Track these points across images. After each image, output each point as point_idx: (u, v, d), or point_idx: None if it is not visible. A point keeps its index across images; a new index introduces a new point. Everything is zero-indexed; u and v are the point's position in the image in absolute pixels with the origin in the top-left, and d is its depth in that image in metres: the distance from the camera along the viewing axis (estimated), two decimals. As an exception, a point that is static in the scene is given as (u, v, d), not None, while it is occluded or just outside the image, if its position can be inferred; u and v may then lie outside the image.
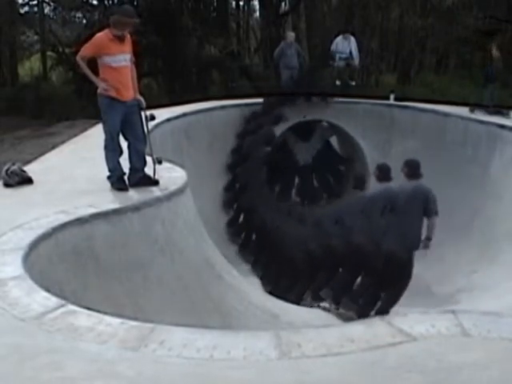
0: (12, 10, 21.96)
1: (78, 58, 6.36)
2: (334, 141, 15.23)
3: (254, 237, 11.49)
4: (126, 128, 6.54)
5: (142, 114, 6.66)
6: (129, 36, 6.47)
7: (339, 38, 14.91)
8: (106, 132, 6.56)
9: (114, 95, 6.35)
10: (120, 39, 6.36)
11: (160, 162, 7.00)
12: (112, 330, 3.26)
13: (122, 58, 6.40)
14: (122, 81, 6.42)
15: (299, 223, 11.79)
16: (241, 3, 26.33)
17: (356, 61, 14.92)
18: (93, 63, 6.38)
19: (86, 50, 6.36)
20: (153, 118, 7.18)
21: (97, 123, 10.09)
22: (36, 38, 24.43)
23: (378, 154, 12.85)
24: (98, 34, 6.40)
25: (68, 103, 18.03)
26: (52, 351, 3.02)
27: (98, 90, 6.38)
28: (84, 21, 22.53)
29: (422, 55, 24.91)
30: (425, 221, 7.59)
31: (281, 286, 9.50)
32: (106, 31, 6.37)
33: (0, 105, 17.63)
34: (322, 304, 8.59)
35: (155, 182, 6.67)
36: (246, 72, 22.10)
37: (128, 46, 6.47)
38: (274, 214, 11.90)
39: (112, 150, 6.54)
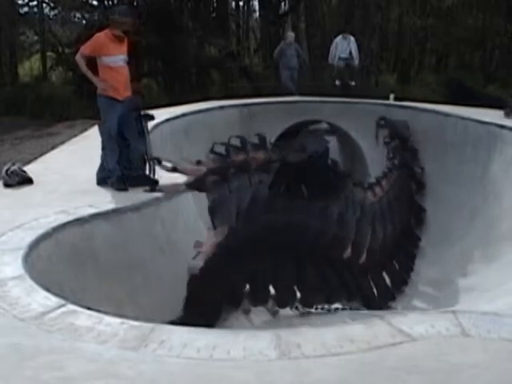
0: (12, 11, 21.97)
1: (77, 56, 6.42)
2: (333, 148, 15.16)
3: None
4: (123, 128, 6.57)
5: (141, 113, 6.70)
6: (125, 37, 6.54)
7: (339, 38, 14.94)
8: (104, 132, 6.58)
9: (113, 95, 6.39)
10: (119, 39, 6.42)
11: (159, 162, 7.00)
12: (112, 330, 3.26)
13: (120, 59, 6.49)
14: (121, 80, 6.49)
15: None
16: (240, 3, 26.30)
17: (356, 61, 14.95)
18: (92, 63, 6.42)
19: (86, 49, 6.43)
20: (152, 117, 7.19)
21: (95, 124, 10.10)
22: (36, 38, 24.41)
23: (378, 154, 12.86)
24: (98, 34, 6.46)
25: (68, 103, 18.02)
26: (52, 351, 3.02)
27: (98, 90, 6.42)
28: (84, 21, 22.54)
29: (422, 55, 24.91)
30: None
31: None
32: (106, 31, 6.42)
33: (0, 105, 17.62)
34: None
35: (154, 182, 6.68)
36: (245, 72, 22.10)
37: (125, 46, 6.54)
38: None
39: (111, 150, 6.57)
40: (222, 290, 6.05)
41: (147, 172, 6.78)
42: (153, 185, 6.61)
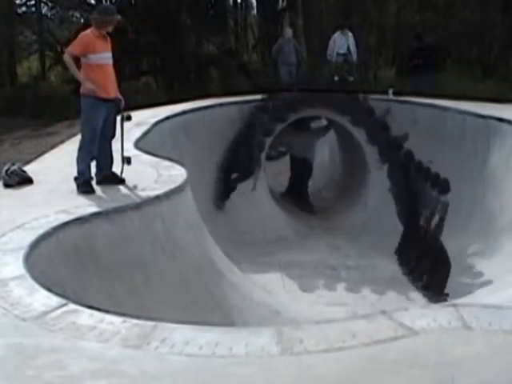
0: (10, 10, 21.94)
1: (65, 57, 6.42)
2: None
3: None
4: (107, 128, 6.57)
5: (120, 113, 6.74)
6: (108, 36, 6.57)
7: (337, 34, 14.94)
8: (85, 133, 6.55)
9: (101, 95, 6.36)
10: (103, 37, 6.44)
11: (129, 163, 6.95)
12: (114, 329, 3.26)
13: (106, 56, 6.48)
14: (107, 78, 6.47)
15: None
16: (238, 0, 26.29)
17: (354, 56, 14.95)
18: (76, 62, 6.44)
19: (75, 47, 6.41)
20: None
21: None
22: (34, 37, 24.38)
23: (378, 149, 12.83)
24: (85, 32, 6.47)
25: (67, 103, 17.98)
26: (54, 350, 3.03)
27: (81, 90, 6.40)
28: (82, 20, 22.49)
29: (420, 50, 24.80)
30: None
31: None
32: (91, 29, 6.44)
33: (-1, 105, 17.62)
34: None
35: (121, 181, 6.69)
36: (244, 69, 22.06)
37: (109, 44, 6.55)
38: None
39: (87, 152, 6.55)
40: None
41: (117, 171, 6.81)
42: (119, 183, 6.65)
